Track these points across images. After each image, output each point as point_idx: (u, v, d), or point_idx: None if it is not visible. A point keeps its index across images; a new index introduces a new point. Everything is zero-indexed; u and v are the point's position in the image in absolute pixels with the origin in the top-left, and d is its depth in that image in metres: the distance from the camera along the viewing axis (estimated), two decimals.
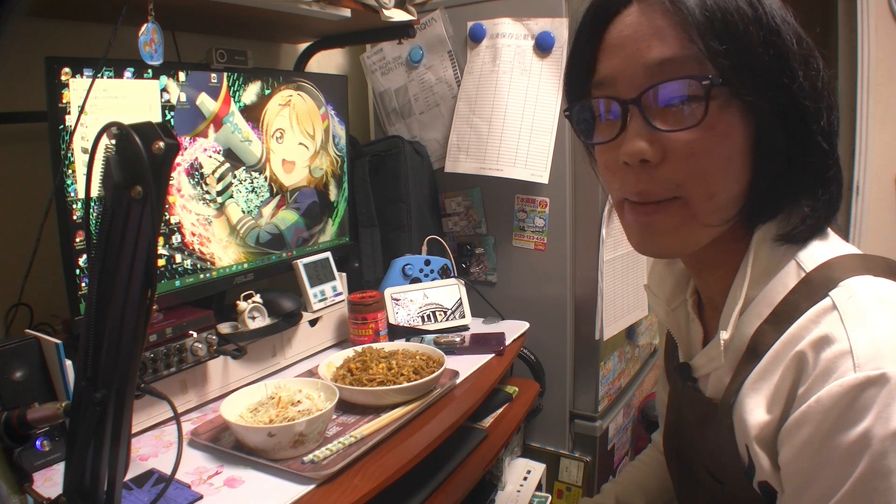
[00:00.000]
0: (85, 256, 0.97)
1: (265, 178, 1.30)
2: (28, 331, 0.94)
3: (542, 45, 1.53)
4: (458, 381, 1.21)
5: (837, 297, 0.55)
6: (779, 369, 0.57)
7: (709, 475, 0.69)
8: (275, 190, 1.33)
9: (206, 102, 1.15)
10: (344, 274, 1.46)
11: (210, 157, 1.17)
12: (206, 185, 1.17)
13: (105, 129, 0.54)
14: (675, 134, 0.56)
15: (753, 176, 0.59)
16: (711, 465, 0.68)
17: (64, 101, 0.93)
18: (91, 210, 0.61)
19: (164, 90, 1.08)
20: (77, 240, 0.97)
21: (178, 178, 1.12)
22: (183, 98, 1.11)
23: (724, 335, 0.62)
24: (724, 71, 0.54)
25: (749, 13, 0.55)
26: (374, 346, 1.27)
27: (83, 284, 0.97)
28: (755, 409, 0.58)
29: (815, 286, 0.58)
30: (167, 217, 1.10)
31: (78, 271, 0.97)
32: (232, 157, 1.22)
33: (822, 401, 0.52)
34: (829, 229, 0.64)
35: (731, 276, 0.64)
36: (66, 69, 0.93)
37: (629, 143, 0.58)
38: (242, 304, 1.20)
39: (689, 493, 0.77)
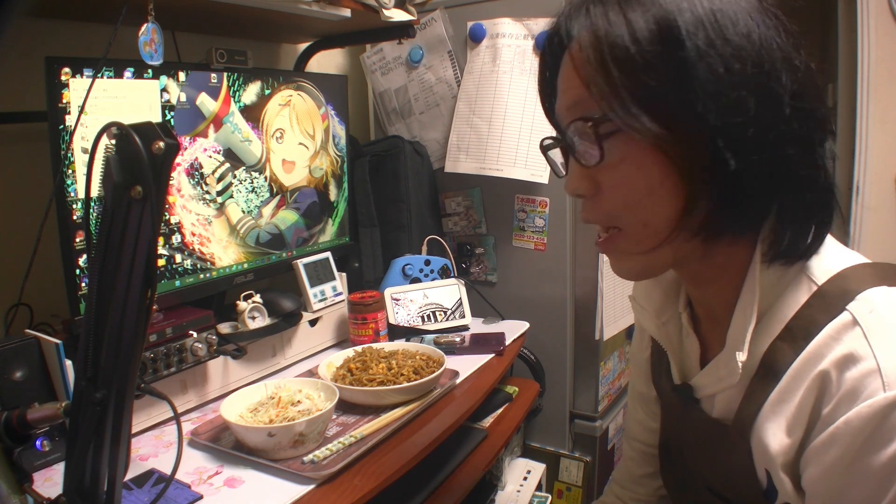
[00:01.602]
0: (85, 256, 0.97)
1: (265, 178, 1.30)
2: (28, 331, 0.94)
3: (542, 46, 1.53)
4: (458, 381, 1.21)
5: (858, 312, 0.53)
6: (800, 390, 0.55)
7: (711, 494, 0.67)
8: (275, 190, 1.33)
9: (206, 102, 1.15)
10: (344, 274, 1.46)
11: (210, 157, 1.17)
12: (206, 185, 1.17)
13: (105, 129, 0.54)
14: (601, 168, 0.57)
15: (686, 199, 0.55)
16: (719, 486, 0.66)
17: (64, 101, 0.93)
18: (91, 210, 0.61)
19: (164, 90, 1.08)
20: (77, 240, 0.97)
21: (178, 178, 1.12)
22: (183, 98, 1.11)
23: (741, 356, 0.59)
24: (609, 107, 0.54)
25: (642, 34, 0.52)
26: (374, 346, 1.27)
27: (83, 284, 0.97)
28: (777, 433, 0.57)
29: (831, 299, 0.56)
30: (167, 217, 1.10)
31: (78, 271, 0.97)
32: (232, 157, 1.22)
33: (851, 422, 0.51)
34: (829, 237, 0.61)
35: (732, 288, 0.61)
36: (66, 69, 0.93)
37: (567, 180, 0.62)
38: (242, 304, 1.20)
39: None
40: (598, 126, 0.55)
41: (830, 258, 0.59)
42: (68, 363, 0.91)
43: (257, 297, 1.23)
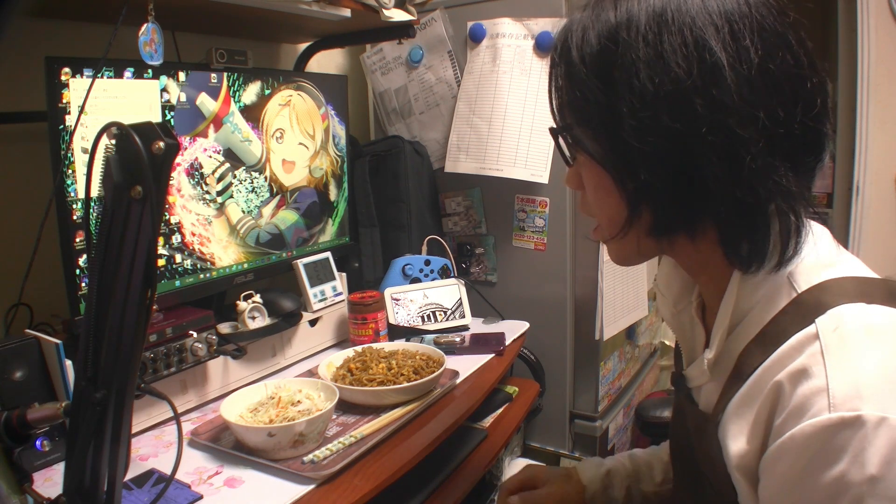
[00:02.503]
0: (85, 256, 0.97)
1: (265, 178, 1.30)
2: (28, 331, 0.95)
3: (542, 45, 1.53)
4: (458, 381, 1.21)
5: (822, 327, 0.53)
6: (759, 397, 0.56)
7: (708, 484, 0.68)
8: (275, 190, 1.33)
9: (206, 102, 1.15)
10: (344, 274, 1.46)
11: (210, 157, 1.17)
12: (206, 185, 1.17)
13: (105, 129, 0.54)
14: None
15: (627, 204, 0.61)
16: (710, 473, 0.67)
17: (64, 101, 0.93)
18: (91, 210, 0.61)
19: (164, 90, 1.08)
20: (77, 240, 0.97)
21: (178, 178, 1.12)
22: (183, 98, 1.11)
23: (709, 354, 0.63)
24: (561, 120, 0.65)
25: (589, 57, 0.58)
26: (374, 346, 1.27)
27: (83, 284, 0.97)
28: (738, 437, 0.58)
29: (805, 310, 0.56)
30: (167, 217, 1.10)
31: (78, 271, 0.97)
32: (232, 157, 1.22)
33: (795, 438, 0.51)
34: (831, 242, 0.61)
35: (718, 284, 0.64)
36: (66, 69, 0.93)
37: (566, 174, 0.71)
38: (242, 304, 1.20)
39: (689, 491, 0.77)
40: (556, 136, 0.66)
41: (819, 267, 0.59)
42: (68, 363, 0.91)
43: (257, 297, 1.23)
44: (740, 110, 0.53)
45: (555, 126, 0.66)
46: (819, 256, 0.60)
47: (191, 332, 1.07)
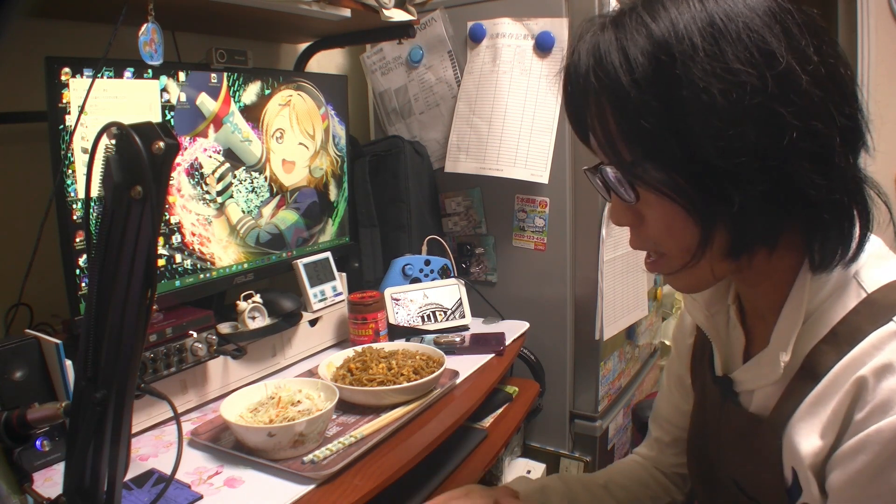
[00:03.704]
0: (85, 256, 0.97)
1: (265, 178, 1.30)
2: (28, 331, 0.94)
3: (543, 45, 1.53)
4: (458, 381, 1.21)
5: None
6: (837, 394, 0.56)
7: (737, 488, 0.68)
8: (275, 190, 1.33)
9: (206, 102, 1.15)
10: (344, 274, 1.46)
11: (210, 157, 1.17)
12: (206, 185, 1.17)
13: (105, 129, 0.54)
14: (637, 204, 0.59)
15: (701, 232, 0.56)
16: (743, 479, 0.67)
17: (64, 101, 0.93)
18: (91, 210, 0.61)
19: (164, 90, 1.08)
20: (77, 240, 0.97)
21: (178, 178, 1.12)
22: (183, 98, 1.11)
23: (785, 357, 0.60)
24: (615, 160, 0.57)
25: (642, 79, 0.52)
26: (374, 346, 1.27)
27: (83, 284, 0.97)
28: (810, 435, 0.57)
29: (879, 308, 0.56)
30: (167, 217, 1.10)
31: (78, 271, 0.97)
32: (232, 157, 1.22)
33: (882, 432, 0.51)
34: (882, 246, 0.62)
35: (779, 290, 0.62)
36: (66, 69, 0.93)
37: (610, 212, 0.64)
38: (242, 304, 1.20)
39: (711, 499, 0.77)
40: (623, 173, 0.57)
41: (884, 267, 0.60)
42: (68, 363, 0.91)
43: (257, 297, 1.23)
44: (821, 111, 0.53)
45: (606, 164, 0.58)
46: (877, 252, 0.61)
47: (191, 332, 1.07)
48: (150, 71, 1.05)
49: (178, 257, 1.13)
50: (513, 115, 1.56)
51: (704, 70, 0.51)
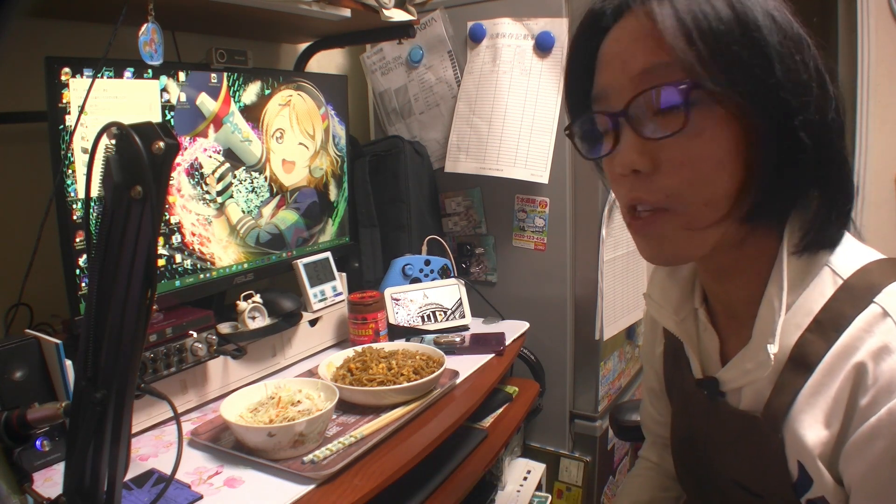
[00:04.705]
0: (85, 256, 0.97)
1: (265, 178, 1.30)
2: (28, 331, 0.94)
3: (542, 45, 1.53)
4: (458, 381, 1.21)
5: (887, 304, 0.55)
6: (836, 382, 0.56)
7: (741, 489, 0.68)
8: (275, 190, 1.33)
9: (206, 102, 1.15)
10: (344, 274, 1.46)
11: (210, 157, 1.17)
12: (206, 185, 1.17)
13: (105, 129, 0.54)
14: (665, 142, 0.55)
15: (746, 176, 0.56)
16: (746, 479, 0.67)
17: (64, 101, 0.93)
18: (91, 210, 0.61)
19: (164, 90, 1.08)
20: (77, 240, 0.97)
21: (178, 178, 1.12)
22: (183, 98, 1.11)
23: (773, 348, 0.59)
24: (698, 75, 0.53)
25: (723, 13, 0.53)
26: (374, 346, 1.27)
27: (83, 284, 0.97)
28: (814, 426, 0.57)
29: (858, 292, 0.57)
30: (167, 217, 1.10)
31: (78, 271, 0.97)
32: (232, 157, 1.22)
33: (894, 412, 0.51)
34: (848, 234, 0.62)
35: (756, 283, 0.62)
36: (66, 69, 0.93)
37: (621, 155, 0.58)
38: (242, 304, 1.20)
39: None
40: (688, 94, 0.53)
41: (851, 253, 0.61)
42: (68, 363, 0.91)
43: (257, 297, 1.23)
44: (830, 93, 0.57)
45: (657, 88, 0.55)
46: (847, 244, 0.62)
47: (191, 332, 1.07)
48: (150, 71, 1.05)
49: (178, 257, 1.13)
50: (513, 115, 1.56)
51: (773, 28, 0.54)
